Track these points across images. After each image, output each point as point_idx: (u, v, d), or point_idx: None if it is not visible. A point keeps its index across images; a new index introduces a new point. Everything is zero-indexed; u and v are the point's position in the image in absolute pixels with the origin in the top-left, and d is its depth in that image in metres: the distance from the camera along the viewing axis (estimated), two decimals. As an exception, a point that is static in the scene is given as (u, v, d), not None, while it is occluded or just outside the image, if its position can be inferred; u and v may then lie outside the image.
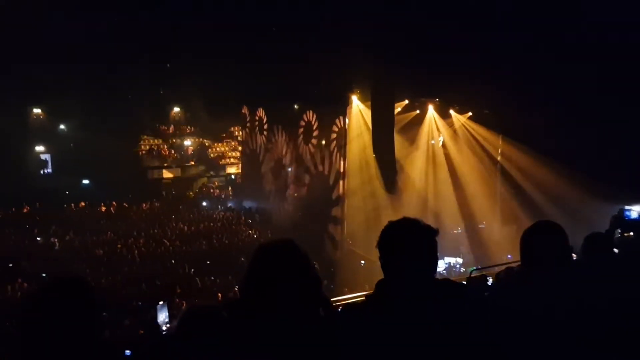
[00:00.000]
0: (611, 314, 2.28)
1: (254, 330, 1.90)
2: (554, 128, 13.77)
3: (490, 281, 6.97)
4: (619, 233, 3.89)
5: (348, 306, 2.27)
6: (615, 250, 3.49)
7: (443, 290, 2.13)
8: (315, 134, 21.31)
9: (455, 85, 15.51)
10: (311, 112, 21.43)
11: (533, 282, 2.48)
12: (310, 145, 21.67)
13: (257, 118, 26.15)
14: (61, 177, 25.50)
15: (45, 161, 26.48)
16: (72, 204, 23.99)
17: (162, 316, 11.55)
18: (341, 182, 19.56)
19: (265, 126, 25.39)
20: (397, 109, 19.34)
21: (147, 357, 2.08)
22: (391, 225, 2.17)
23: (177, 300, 13.79)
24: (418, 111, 20.03)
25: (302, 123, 22.12)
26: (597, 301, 2.33)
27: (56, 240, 19.55)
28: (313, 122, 21.35)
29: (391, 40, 14.01)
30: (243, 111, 27.27)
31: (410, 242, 2.11)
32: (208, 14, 18.95)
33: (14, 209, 22.48)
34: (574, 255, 3.10)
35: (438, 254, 2.15)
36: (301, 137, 22.29)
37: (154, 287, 15.14)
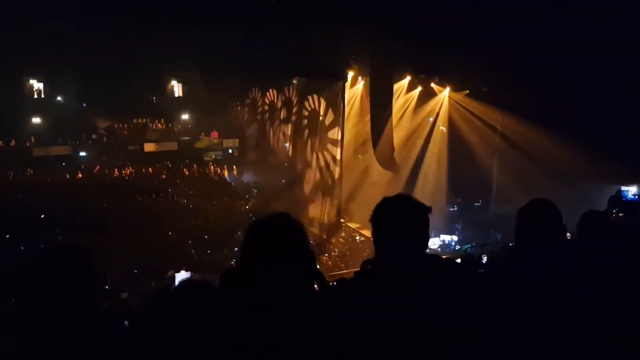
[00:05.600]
0: (603, 291, 2.30)
1: (249, 303, 1.91)
2: (553, 106, 13.67)
3: (484, 259, 7.03)
4: (616, 213, 3.90)
5: (341, 280, 2.28)
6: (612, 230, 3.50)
7: (433, 267, 2.15)
8: (311, 108, 21.17)
9: (454, 62, 15.31)
10: (306, 86, 21.29)
11: (526, 259, 2.49)
12: (305, 119, 21.57)
13: (255, 93, 25.99)
14: (57, 148, 25.46)
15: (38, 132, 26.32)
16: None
17: None
18: (338, 159, 19.47)
19: (263, 100, 25.25)
20: (397, 85, 19.25)
21: (144, 329, 2.07)
22: (384, 202, 2.20)
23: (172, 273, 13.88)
24: (420, 88, 19.86)
25: (297, 98, 22.00)
26: (588, 279, 2.34)
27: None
28: (308, 97, 21.18)
29: (391, 14, 13.82)
30: (240, 86, 27.03)
31: (401, 219, 2.13)
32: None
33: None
34: (569, 235, 3.11)
35: (431, 231, 2.17)
36: (296, 111, 22.18)
37: (150, 260, 15.19)
